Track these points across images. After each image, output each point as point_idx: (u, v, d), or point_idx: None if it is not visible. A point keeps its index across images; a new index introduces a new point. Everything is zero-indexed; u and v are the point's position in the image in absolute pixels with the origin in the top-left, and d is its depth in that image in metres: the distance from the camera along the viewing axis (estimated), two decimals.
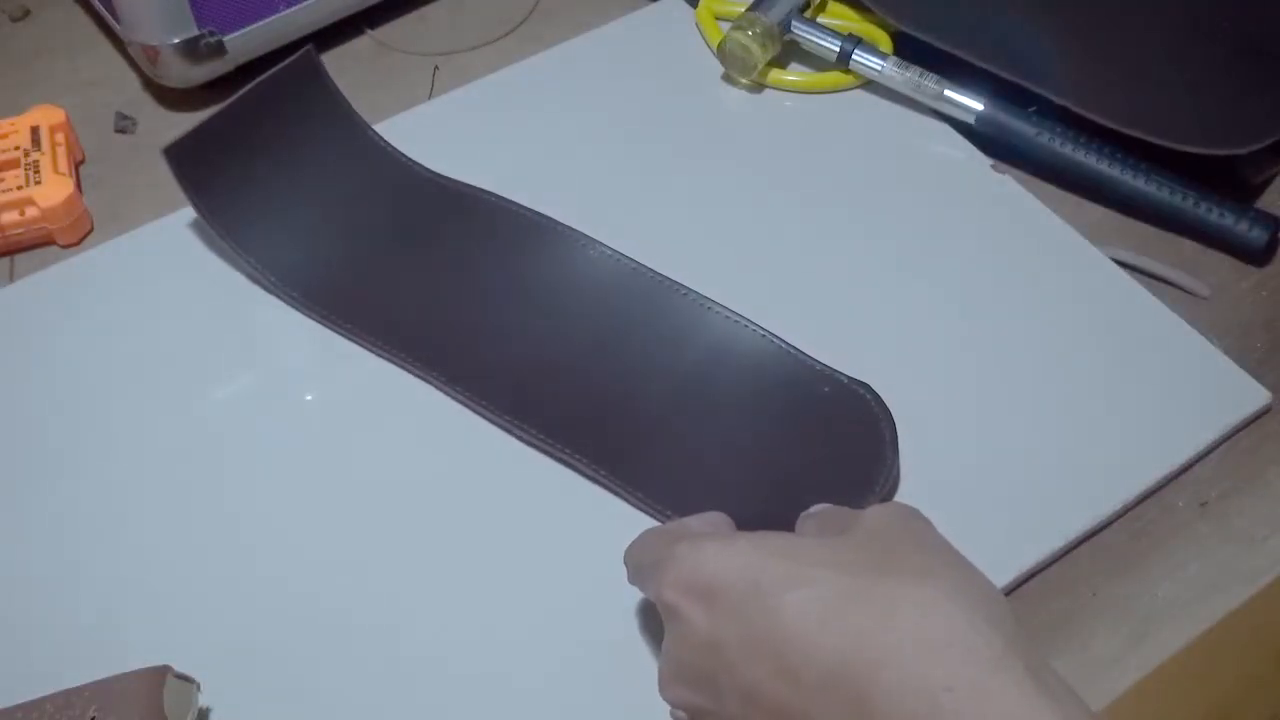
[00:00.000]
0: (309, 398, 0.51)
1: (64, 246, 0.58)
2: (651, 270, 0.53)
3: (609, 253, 0.53)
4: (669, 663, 0.38)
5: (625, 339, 0.51)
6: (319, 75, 0.58)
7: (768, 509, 0.45)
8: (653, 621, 0.43)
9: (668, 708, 0.40)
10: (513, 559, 0.46)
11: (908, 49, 0.61)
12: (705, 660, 0.36)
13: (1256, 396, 0.50)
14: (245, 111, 0.55)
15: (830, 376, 0.48)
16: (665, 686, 0.38)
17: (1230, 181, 0.57)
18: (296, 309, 0.53)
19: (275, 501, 0.48)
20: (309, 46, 0.57)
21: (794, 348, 0.49)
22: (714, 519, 0.41)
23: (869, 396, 0.48)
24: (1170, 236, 0.56)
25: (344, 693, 0.43)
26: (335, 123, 0.58)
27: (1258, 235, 0.54)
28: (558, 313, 0.52)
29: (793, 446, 0.47)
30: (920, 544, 0.36)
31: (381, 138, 0.58)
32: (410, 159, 0.57)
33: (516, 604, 0.45)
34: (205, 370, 0.52)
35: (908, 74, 0.59)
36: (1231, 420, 0.49)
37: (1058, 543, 0.46)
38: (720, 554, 0.36)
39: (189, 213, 0.55)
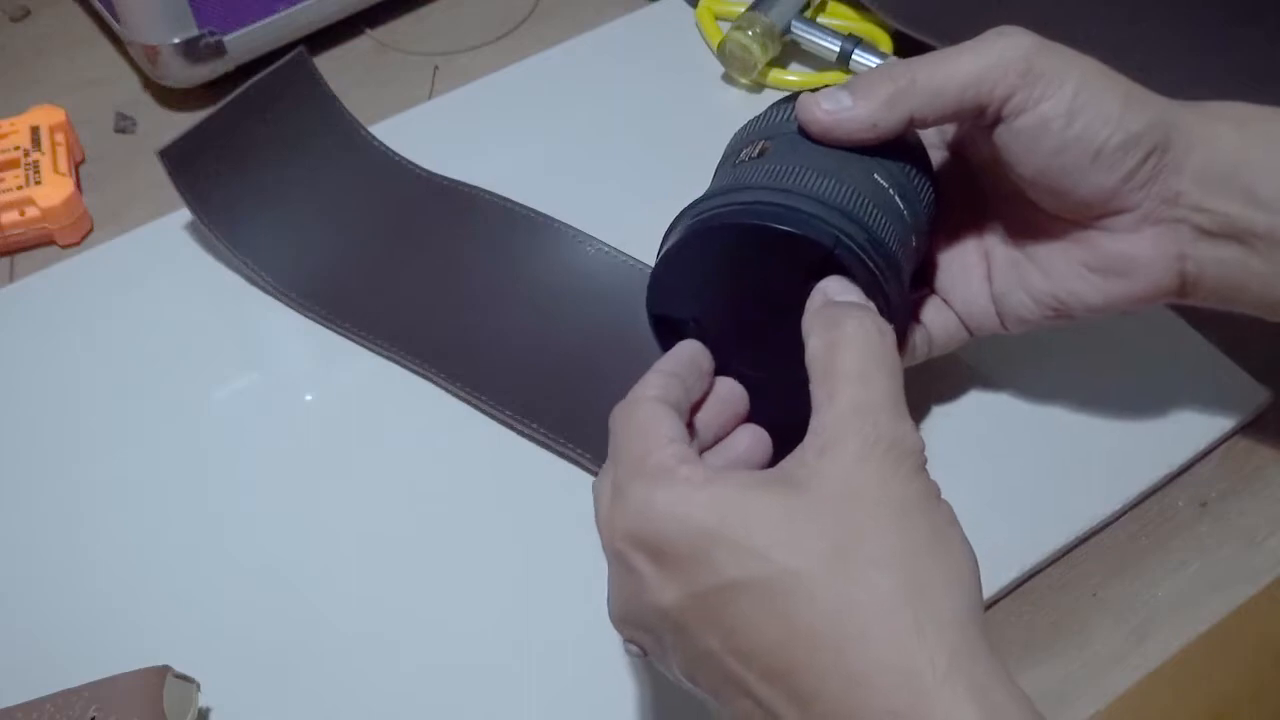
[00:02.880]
0: (309, 398, 0.51)
1: (64, 246, 0.58)
2: (649, 266, 0.52)
3: (607, 249, 0.53)
4: (617, 605, 0.36)
5: (624, 334, 0.51)
6: (311, 76, 0.58)
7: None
8: None
9: (655, 681, 0.40)
10: (516, 556, 0.46)
11: (908, 49, 0.61)
12: (654, 618, 0.34)
13: (1256, 396, 0.50)
14: (238, 113, 0.55)
15: None
16: (615, 622, 0.36)
17: None
18: (295, 309, 0.53)
19: (276, 501, 0.48)
20: (300, 48, 0.57)
21: None
22: (725, 399, 0.39)
23: None
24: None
25: (345, 692, 0.43)
26: (328, 123, 0.58)
27: None
28: (556, 309, 0.52)
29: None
30: (888, 513, 0.33)
31: (374, 137, 0.58)
32: (403, 158, 0.57)
33: (520, 601, 0.45)
34: (205, 370, 0.52)
35: None
36: (1231, 420, 0.49)
37: (1058, 543, 0.46)
38: (672, 510, 0.33)
39: (188, 213, 0.55)
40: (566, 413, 0.49)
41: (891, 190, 0.41)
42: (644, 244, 0.53)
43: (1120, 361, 0.51)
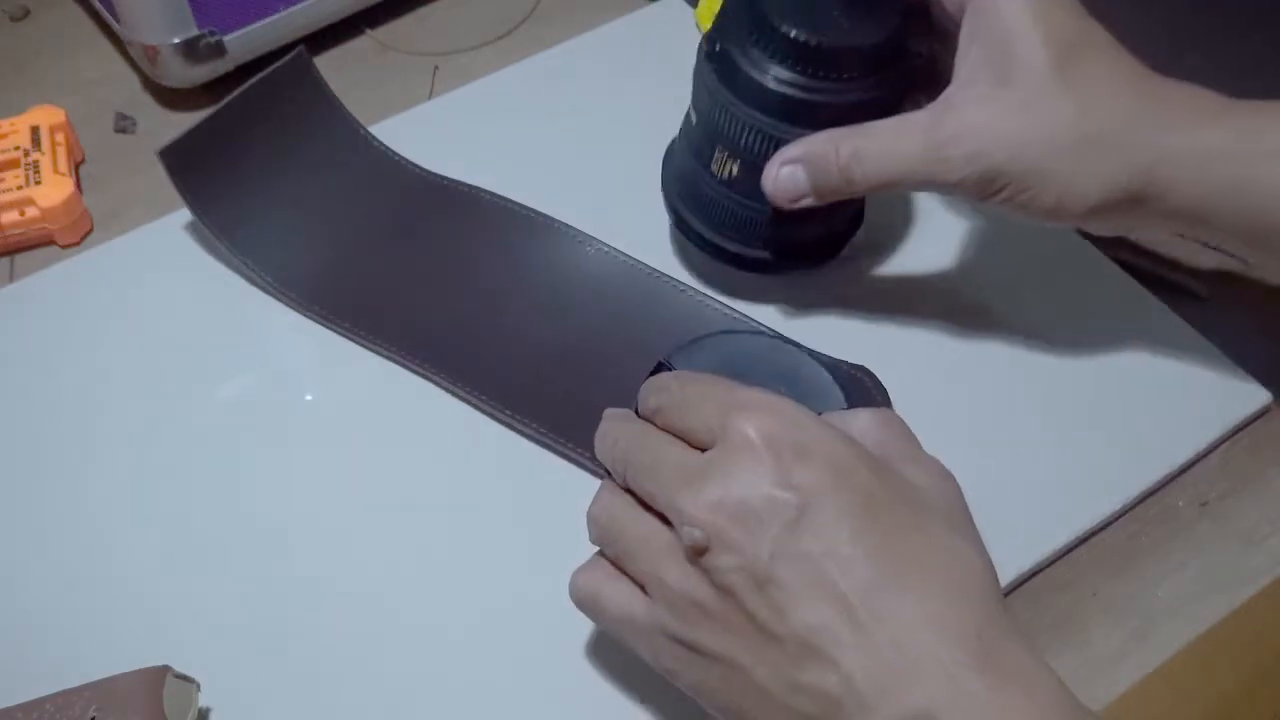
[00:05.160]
0: (309, 398, 0.51)
1: (64, 246, 0.58)
2: (649, 267, 0.53)
3: (606, 249, 0.53)
4: (712, 490, 0.35)
5: (624, 334, 0.51)
6: (311, 76, 0.58)
7: None
8: None
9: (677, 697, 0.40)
10: (516, 556, 0.46)
11: None
12: (768, 501, 0.34)
13: (1256, 396, 0.50)
14: (238, 113, 0.55)
15: (830, 364, 0.49)
16: (697, 507, 0.35)
17: None
18: (295, 309, 0.53)
19: (275, 502, 0.48)
20: (300, 48, 0.57)
21: (793, 341, 0.49)
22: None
23: (868, 381, 0.48)
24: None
25: (345, 692, 0.43)
26: (328, 123, 0.58)
27: None
28: (556, 309, 0.52)
29: None
30: (937, 516, 0.37)
31: (374, 137, 0.58)
32: (403, 158, 0.58)
33: (521, 601, 0.45)
34: (205, 370, 0.52)
35: None
36: (1231, 420, 0.49)
37: (1058, 543, 0.46)
38: (832, 433, 0.36)
39: (188, 213, 0.55)
40: (567, 413, 0.49)
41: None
42: (644, 244, 0.53)
43: (1120, 362, 0.51)
